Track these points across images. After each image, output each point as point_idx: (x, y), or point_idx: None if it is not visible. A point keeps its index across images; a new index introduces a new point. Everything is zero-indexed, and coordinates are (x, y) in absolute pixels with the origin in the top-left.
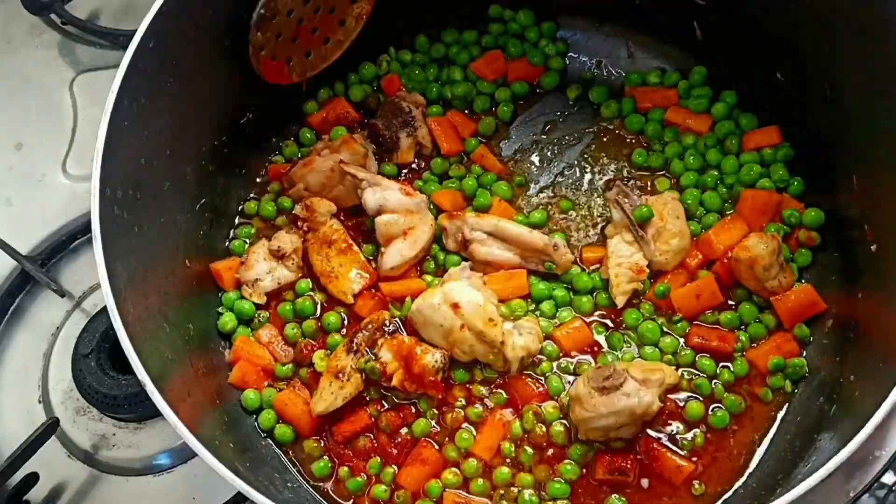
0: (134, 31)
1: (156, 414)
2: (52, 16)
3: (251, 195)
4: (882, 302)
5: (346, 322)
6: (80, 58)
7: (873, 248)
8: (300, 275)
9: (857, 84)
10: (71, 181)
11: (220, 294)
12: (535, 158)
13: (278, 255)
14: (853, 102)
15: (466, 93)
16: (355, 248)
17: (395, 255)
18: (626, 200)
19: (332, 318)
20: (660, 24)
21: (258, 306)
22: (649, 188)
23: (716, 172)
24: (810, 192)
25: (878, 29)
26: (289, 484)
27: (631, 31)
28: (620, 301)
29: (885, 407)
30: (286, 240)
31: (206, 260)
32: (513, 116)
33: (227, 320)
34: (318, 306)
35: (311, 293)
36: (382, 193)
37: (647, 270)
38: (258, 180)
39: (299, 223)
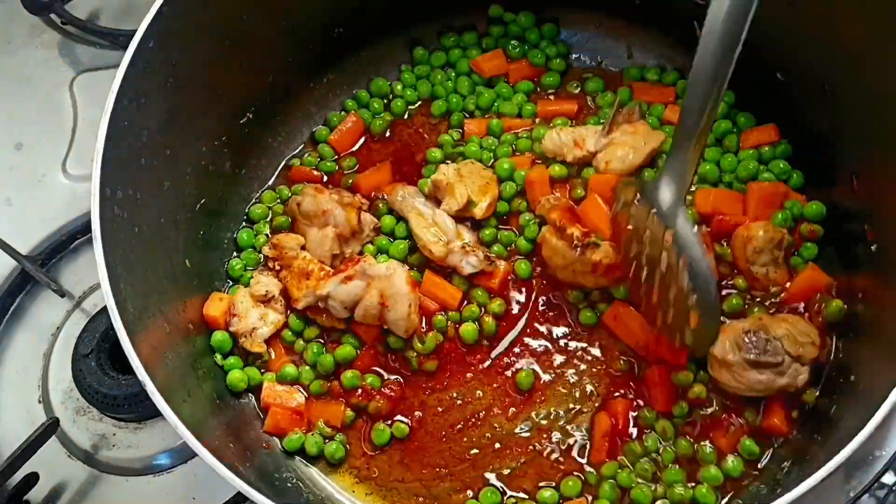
0: (134, 31)
1: (156, 414)
2: (52, 16)
3: (257, 197)
4: (883, 301)
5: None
6: (80, 58)
7: (874, 247)
8: (286, 314)
9: (857, 84)
10: (71, 181)
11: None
12: None
13: (266, 300)
14: (853, 102)
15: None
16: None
17: None
18: (630, 114)
19: (349, 343)
20: (660, 23)
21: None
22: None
23: (715, 168)
24: (810, 192)
25: (879, 28)
26: (288, 484)
27: (631, 30)
28: (545, 147)
29: (885, 407)
30: (270, 283)
31: (206, 260)
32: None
33: (239, 378)
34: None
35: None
36: None
37: (585, 152)
38: (258, 180)
39: (270, 263)
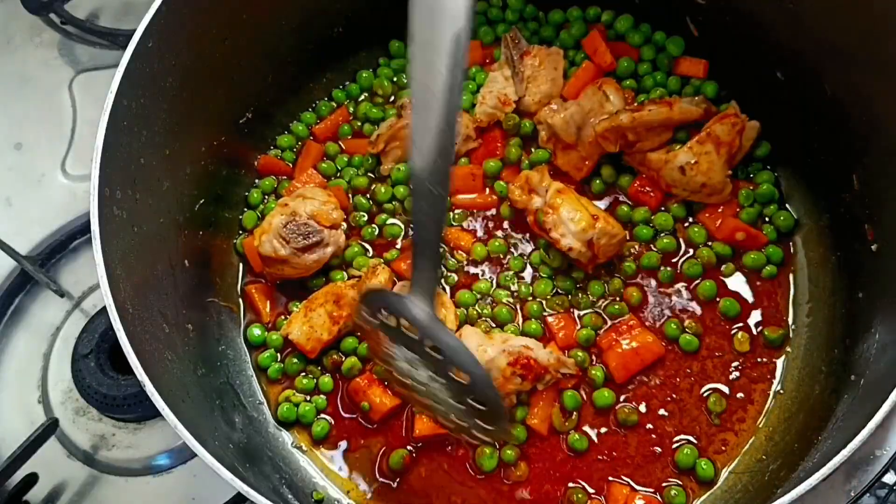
0: (133, 31)
1: (156, 414)
2: (52, 16)
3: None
4: (882, 302)
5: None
6: (80, 58)
7: (874, 247)
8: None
9: (858, 83)
10: (71, 181)
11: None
12: None
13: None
14: (853, 102)
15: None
16: None
17: None
18: (517, 43)
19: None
20: (659, 22)
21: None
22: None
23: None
24: (810, 192)
25: (879, 27)
26: (285, 483)
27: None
28: (481, 118)
29: (885, 407)
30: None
31: (205, 260)
32: None
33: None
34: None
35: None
36: None
37: (514, 105)
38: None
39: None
